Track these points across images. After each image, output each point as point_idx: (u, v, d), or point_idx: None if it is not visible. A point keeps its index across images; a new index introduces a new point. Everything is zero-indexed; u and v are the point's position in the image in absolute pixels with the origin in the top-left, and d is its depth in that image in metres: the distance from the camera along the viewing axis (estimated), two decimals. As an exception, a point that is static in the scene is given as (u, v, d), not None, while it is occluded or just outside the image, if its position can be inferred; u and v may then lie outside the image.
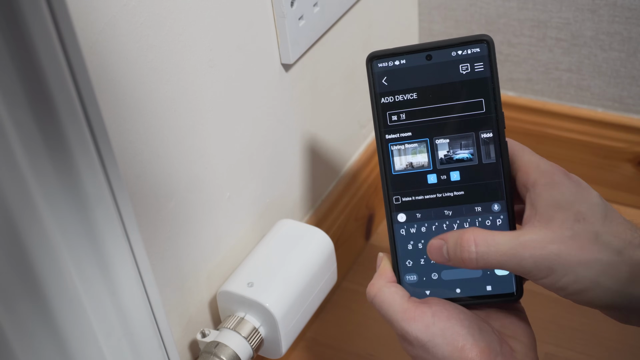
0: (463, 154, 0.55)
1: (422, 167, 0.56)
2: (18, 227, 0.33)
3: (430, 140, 0.55)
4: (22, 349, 0.35)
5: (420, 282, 0.56)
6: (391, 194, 0.56)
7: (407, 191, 0.56)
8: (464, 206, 0.55)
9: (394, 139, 0.56)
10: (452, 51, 0.54)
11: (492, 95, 0.54)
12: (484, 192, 0.55)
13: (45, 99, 0.32)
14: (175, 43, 0.58)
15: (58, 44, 0.31)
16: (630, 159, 0.97)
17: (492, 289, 0.56)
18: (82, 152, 0.34)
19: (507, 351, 0.52)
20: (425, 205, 0.56)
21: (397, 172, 0.56)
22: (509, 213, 0.55)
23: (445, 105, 0.55)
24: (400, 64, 0.55)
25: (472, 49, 0.54)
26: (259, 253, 0.72)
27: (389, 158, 0.56)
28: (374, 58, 0.55)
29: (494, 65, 0.54)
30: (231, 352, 0.64)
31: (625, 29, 0.91)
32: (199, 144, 0.64)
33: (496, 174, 0.55)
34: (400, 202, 0.56)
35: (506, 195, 0.55)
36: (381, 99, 0.55)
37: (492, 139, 0.54)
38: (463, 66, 0.54)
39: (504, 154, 0.54)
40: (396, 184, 0.56)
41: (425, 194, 0.56)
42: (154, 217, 0.60)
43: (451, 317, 0.53)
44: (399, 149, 0.56)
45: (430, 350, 0.52)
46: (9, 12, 0.29)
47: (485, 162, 0.55)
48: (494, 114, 0.54)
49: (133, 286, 0.40)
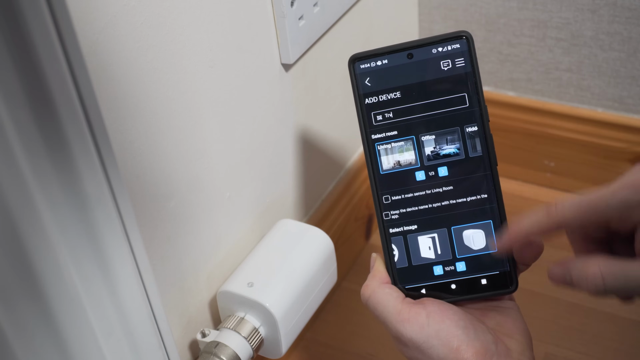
0: (449, 149, 0.56)
1: (409, 164, 0.56)
2: (18, 227, 0.33)
3: (416, 137, 0.56)
4: (22, 349, 0.35)
5: (415, 281, 0.56)
6: (381, 194, 0.56)
7: (397, 190, 0.56)
8: (453, 201, 0.56)
9: (380, 138, 0.56)
10: (433, 48, 0.55)
11: (474, 89, 0.55)
12: (472, 186, 0.55)
13: (45, 99, 0.32)
14: (175, 43, 0.58)
15: (58, 44, 0.31)
16: (630, 159, 0.97)
17: (487, 282, 0.56)
18: (82, 152, 0.34)
19: (503, 350, 0.52)
20: (416, 203, 0.56)
21: (385, 171, 0.56)
22: (498, 204, 0.55)
23: (429, 102, 0.55)
24: (383, 64, 0.56)
25: (452, 45, 0.55)
26: (259, 253, 0.72)
27: (377, 158, 0.56)
28: (356, 60, 0.56)
29: (475, 60, 0.55)
30: (231, 352, 0.64)
31: (625, 29, 0.91)
32: (199, 144, 0.64)
33: (483, 166, 0.55)
34: (390, 201, 0.56)
35: (495, 187, 0.55)
36: (365, 100, 0.56)
37: (477, 132, 0.55)
38: (444, 62, 0.55)
39: (490, 146, 0.55)
40: (385, 184, 0.56)
41: (415, 191, 0.56)
42: (154, 217, 0.60)
43: (446, 317, 0.52)
44: (385, 148, 0.56)
45: (426, 352, 0.52)
46: (9, 12, 0.29)
47: (472, 156, 0.55)
48: (478, 107, 0.55)
49: (133, 286, 0.40)
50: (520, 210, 0.50)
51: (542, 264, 0.56)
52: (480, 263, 0.56)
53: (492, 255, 0.56)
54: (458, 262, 0.56)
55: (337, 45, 0.83)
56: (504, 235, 0.53)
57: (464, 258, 0.56)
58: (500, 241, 0.54)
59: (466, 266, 0.56)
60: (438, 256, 0.56)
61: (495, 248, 0.55)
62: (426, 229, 0.56)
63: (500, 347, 0.52)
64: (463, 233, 0.56)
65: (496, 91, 1.03)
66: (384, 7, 0.92)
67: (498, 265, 0.56)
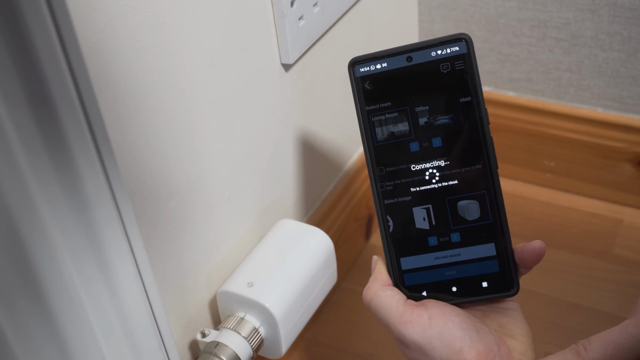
0: (443, 119, 0.55)
1: (404, 135, 0.56)
2: (18, 227, 0.33)
3: (411, 109, 0.56)
4: (22, 349, 0.35)
5: (416, 283, 0.57)
6: (376, 166, 0.56)
7: (391, 161, 0.56)
8: (448, 172, 0.56)
9: (375, 114, 0.56)
10: (432, 51, 0.55)
11: (474, 92, 0.55)
12: (466, 154, 0.55)
13: (45, 99, 0.32)
14: (175, 43, 0.58)
15: (58, 44, 0.31)
16: (630, 159, 0.97)
17: (489, 285, 0.56)
18: (82, 152, 0.34)
19: (505, 352, 0.52)
20: (410, 174, 0.56)
21: (380, 142, 0.56)
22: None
23: (428, 105, 0.55)
24: (382, 67, 0.56)
25: (452, 47, 0.55)
26: (259, 253, 0.72)
27: (373, 134, 0.56)
28: (356, 63, 0.56)
29: (474, 63, 0.55)
30: (231, 352, 0.64)
31: (625, 29, 0.91)
32: (199, 144, 0.64)
33: (483, 170, 0.55)
34: (384, 173, 0.57)
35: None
36: (365, 104, 0.56)
37: (478, 136, 0.55)
38: (443, 65, 0.55)
39: (490, 149, 0.55)
40: (380, 156, 0.56)
41: (409, 162, 0.56)
42: (154, 217, 0.60)
43: (448, 319, 0.52)
44: (379, 119, 0.56)
45: (428, 354, 0.52)
46: (9, 12, 0.29)
47: (466, 129, 0.55)
48: (477, 110, 0.55)
49: (133, 286, 0.40)
50: (520, 210, 0.50)
51: (543, 263, 0.56)
52: (474, 234, 0.56)
53: (486, 225, 0.55)
54: (453, 232, 0.56)
55: (337, 46, 0.83)
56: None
57: (458, 229, 0.56)
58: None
59: (460, 237, 0.56)
60: (433, 227, 0.56)
61: (489, 219, 0.55)
62: (421, 200, 0.56)
63: (502, 349, 0.52)
64: (457, 204, 0.56)
65: (496, 91, 1.03)
66: (384, 8, 0.92)
67: (492, 238, 0.56)
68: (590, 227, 0.99)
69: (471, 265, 0.56)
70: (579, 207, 1.02)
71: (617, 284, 0.90)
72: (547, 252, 0.55)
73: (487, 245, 0.56)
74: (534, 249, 0.54)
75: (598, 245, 0.96)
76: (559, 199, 1.03)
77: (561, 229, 0.99)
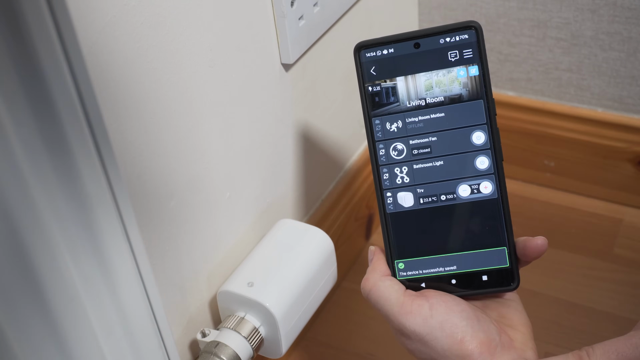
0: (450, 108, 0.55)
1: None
2: (18, 226, 0.33)
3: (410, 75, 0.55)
4: (22, 349, 0.35)
5: (416, 274, 0.56)
6: (376, 142, 0.56)
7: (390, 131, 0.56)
8: (447, 146, 0.55)
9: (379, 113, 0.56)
10: (440, 38, 0.54)
11: (482, 82, 0.54)
12: (466, 117, 0.55)
13: (45, 99, 0.32)
14: (175, 43, 0.58)
15: (58, 44, 0.31)
16: (630, 159, 0.97)
17: (489, 279, 0.55)
18: (82, 151, 0.34)
19: (506, 341, 0.52)
20: (410, 145, 0.55)
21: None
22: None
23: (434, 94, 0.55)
24: (389, 53, 0.55)
25: (460, 35, 0.54)
26: (259, 253, 0.72)
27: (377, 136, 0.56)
28: (362, 48, 0.55)
29: (483, 52, 0.53)
30: (231, 352, 0.64)
31: (625, 29, 0.91)
32: (199, 144, 0.64)
33: (489, 159, 0.55)
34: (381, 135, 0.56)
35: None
36: (369, 89, 0.55)
37: (485, 128, 0.55)
38: (452, 53, 0.54)
39: (497, 141, 0.55)
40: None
41: (408, 132, 0.55)
42: (154, 217, 0.60)
43: (449, 309, 0.52)
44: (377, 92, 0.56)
45: (429, 344, 0.52)
46: (9, 13, 0.29)
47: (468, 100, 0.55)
48: (485, 99, 0.54)
49: (133, 286, 0.40)
50: (520, 210, 0.50)
51: (543, 263, 0.56)
52: (477, 227, 0.55)
53: (489, 219, 0.55)
54: (454, 225, 0.56)
55: (337, 45, 0.83)
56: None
57: (460, 221, 0.56)
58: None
59: (462, 230, 0.56)
60: (434, 218, 0.56)
61: (493, 213, 0.55)
62: (423, 188, 0.56)
63: (503, 338, 0.52)
64: (460, 195, 0.56)
65: (496, 91, 1.03)
66: (383, 7, 0.92)
67: (494, 232, 0.55)
68: (590, 227, 0.99)
69: (472, 258, 0.56)
70: (579, 207, 1.02)
71: (617, 283, 0.91)
72: (547, 252, 0.55)
73: (489, 239, 0.56)
74: (536, 245, 0.54)
75: (598, 245, 0.96)
76: (559, 199, 1.03)
77: (561, 228, 0.99)
